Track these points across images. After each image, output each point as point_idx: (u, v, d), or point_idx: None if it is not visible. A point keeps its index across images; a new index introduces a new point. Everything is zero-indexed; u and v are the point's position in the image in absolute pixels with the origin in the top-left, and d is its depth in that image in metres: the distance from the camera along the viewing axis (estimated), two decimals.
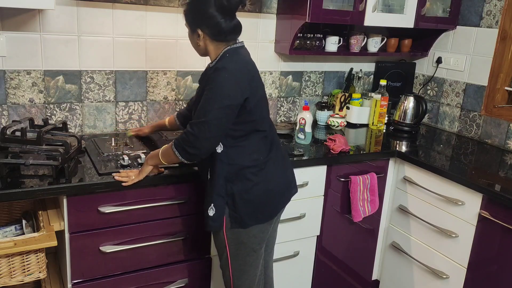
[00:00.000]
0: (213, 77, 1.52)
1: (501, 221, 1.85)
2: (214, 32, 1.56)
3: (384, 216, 2.45)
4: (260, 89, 1.63)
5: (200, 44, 1.61)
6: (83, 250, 1.72)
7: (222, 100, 1.49)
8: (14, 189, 1.55)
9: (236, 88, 1.51)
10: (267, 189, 1.63)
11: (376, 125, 2.70)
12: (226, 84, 1.50)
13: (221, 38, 1.58)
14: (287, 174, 1.76)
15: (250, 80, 1.55)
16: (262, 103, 1.63)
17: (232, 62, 1.55)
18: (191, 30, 1.63)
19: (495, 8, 2.47)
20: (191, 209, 1.89)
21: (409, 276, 2.33)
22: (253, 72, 1.58)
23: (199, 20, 1.57)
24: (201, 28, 1.57)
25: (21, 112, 2.06)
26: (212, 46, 1.60)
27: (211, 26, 1.55)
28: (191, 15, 1.60)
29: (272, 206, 1.68)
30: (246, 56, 1.63)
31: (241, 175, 1.59)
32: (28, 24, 1.98)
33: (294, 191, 1.80)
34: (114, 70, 2.21)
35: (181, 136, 1.56)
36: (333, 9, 2.35)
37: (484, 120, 2.56)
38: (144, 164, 1.70)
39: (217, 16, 1.53)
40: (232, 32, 1.58)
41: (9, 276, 1.59)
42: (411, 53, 2.89)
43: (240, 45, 1.62)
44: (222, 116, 1.50)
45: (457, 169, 2.14)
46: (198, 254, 1.98)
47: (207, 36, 1.58)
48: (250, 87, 1.54)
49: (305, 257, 2.28)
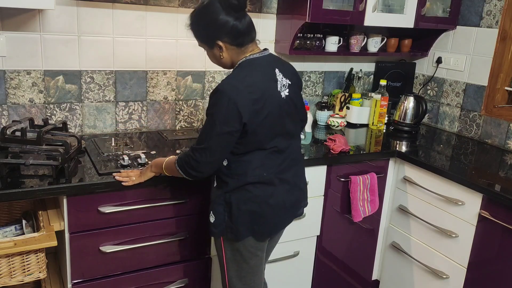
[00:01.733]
0: (212, 99, 1.48)
1: (501, 221, 1.85)
2: (233, 36, 1.51)
3: (384, 216, 2.45)
4: (267, 108, 1.50)
5: (223, 56, 1.56)
6: (83, 250, 1.72)
7: (222, 127, 1.46)
8: (14, 189, 1.55)
9: (234, 115, 1.45)
10: (267, 203, 1.58)
11: (376, 125, 2.70)
12: (224, 110, 1.45)
13: (241, 41, 1.53)
14: (295, 194, 1.67)
15: (252, 103, 1.47)
16: (267, 123, 1.51)
17: (233, 82, 1.49)
18: (209, 46, 1.57)
19: (495, 8, 2.47)
20: (191, 209, 1.90)
21: (409, 276, 2.33)
22: (258, 94, 1.48)
23: (214, 31, 1.52)
24: (219, 38, 1.52)
25: (21, 112, 2.06)
26: (234, 54, 1.56)
27: (228, 32, 1.50)
28: (204, 31, 1.56)
29: (270, 222, 1.62)
30: (259, 70, 1.54)
31: (242, 187, 1.56)
32: (28, 24, 1.98)
33: (299, 212, 1.74)
34: (114, 70, 2.21)
35: (184, 158, 1.56)
36: (333, 9, 2.35)
37: (484, 120, 2.56)
38: (147, 169, 1.71)
39: (229, 20, 1.49)
40: (248, 31, 1.53)
41: (9, 276, 1.59)
42: (411, 53, 2.89)
43: (258, 56, 1.56)
44: (222, 142, 1.49)
45: (457, 169, 2.14)
46: (198, 254, 1.98)
47: (227, 44, 1.53)
48: (249, 111, 1.46)
49: (305, 257, 2.28)
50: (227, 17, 1.49)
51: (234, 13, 1.50)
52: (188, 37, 2.32)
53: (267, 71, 1.56)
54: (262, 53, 1.58)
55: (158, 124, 2.38)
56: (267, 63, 1.58)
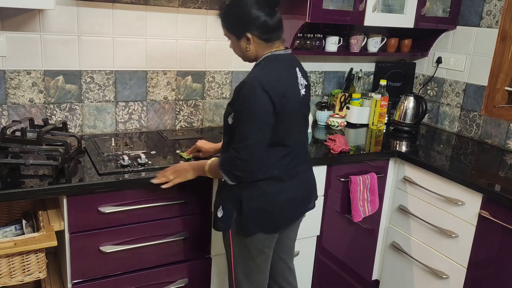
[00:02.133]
0: (243, 93, 1.49)
1: (501, 221, 1.85)
2: (263, 31, 1.54)
3: (384, 216, 2.45)
4: (290, 105, 1.55)
5: (250, 48, 1.58)
6: (83, 250, 1.72)
7: (262, 119, 1.48)
8: (14, 189, 1.55)
9: (269, 106, 1.48)
10: (276, 200, 1.61)
11: (376, 125, 2.70)
12: (259, 102, 1.47)
13: (270, 37, 1.56)
14: (306, 188, 1.72)
15: (278, 95, 1.50)
16: (289, 119, 1.56)
17: (259, 77, 1.51)
18: (237, 37, 1.59)
19: (495, 8, 2.47)
20: (191, 209, 1.89)
21: (409, 276, 2.33)
22: (283, 88, 1.52)
23: (245, 24, 1.54)
24: (249, 31, 1.55)
25: (21, 112, 2.06)
26: (260, 48, 1.58)
27: (259, 26, 1.53)
28: (235, 22, 1.57)
29: (279, 218, 1.65)
30: (283, 66, 1.58)
31: (253, 183, 1.58)
32: (28, 24, 1.98)
33: (310, 205, 1.78)
34: (114, 70, 2.21)
35: (227, 161, 1.53)
36: (333, 9, 2.35)
37: (484, 120, 2.56)
38: (187, 171, 1.70)
39: (261, 15, 1.52)
40: (278, 27, 1.57)
41: (9, 276, 1.59)
42: (411, 53, 2.89)
43: (282, 52, 1.60)
44: (262, 135, 1.50)
45: (457, 169, 2.14)
46: (198, 254, 1.98)
47: (256, 37, 1.55)
48: (279, 104, 1.50)
49: (305, 257, 2.28)
50: (259, 11, 1.52)
51: (267, 8, 1.53)
52: (188, 37, 2.35)
53: (290, 68, 1.61)
54: (286, 51, 1.62)
55: (158, 124, 2.38)
56: (289, 61, 1.63)
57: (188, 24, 2.31)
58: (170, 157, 1.96)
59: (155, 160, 1.89)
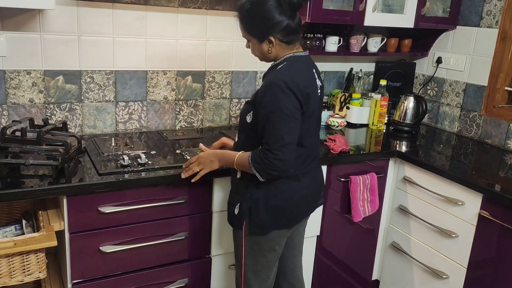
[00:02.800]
0: (274, 94, 1.50)
1: (501, 221, 1.85)
2: (286, 34, 1.55)
3: (384, 216, 2.45)
4: (311, 107, 1.58)
5: (271, 51, 1.59)
6: (83, 250, 1.72)
7: (293, 118, 1.50)
8: (14, 189, 1.55)
9: (297, 105, 1.51)
10: (291, 198, 1.63)
11: (376, 125, 2.70)
12: (288, 102, 1.49)
13: (291, 39, 1.58)
14: (316, 185, 1.75)
15: (305, 97, 1.53)
16: (309, 120, 1.59)
17: (289, 75, 1.52)
18: (258, 40, 1.59)
19: (495, 8, 2.47)
20: (191, 209, 1.89)
21: (409, 276, 2.33)
22: (308, 89, 1.54)
23: (269, 28, 1.55)
24: (272, 34, 1.55)
25: (21, 112, 2.06)
26: (281, 49, 1.59)
27: (281, 30, 1.54)
28: (258, 26, 1.57)
29: (293, 215, 1.68)
30: (305, 67, 1.60)
31: (270, 183, 1.59)
32: (28, 24, 1.98)
33: (320, 201, 1.81)
34: (114, 70, 2.21)
35: (262, 161, 1.52)
36: (333, 9, 2.35)
37: (484, 120, 2.56)
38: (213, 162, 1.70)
39: (284, 18, 1.53)
40: (298, 30, 1.58)
41: (9, 276, 1.59)
42: (411, 53, 2.89)
43: (303, 54, 1.62)
44: (295, 134, 1.52)
45: (457, 169, 2.14)
46: (198, 254, 1.98)
47: (278, 40, 1.57)
48: (305, 104, 1.53)
49: (305, 257, 2.27)
50: (281, 15, 1.52)
51: (289, 11, 1.53)
52: (188, 37, 2.35)
53: (310, 70, 1.63)
54: (305, 53, 1.65)
55: (158, 124, 2.38)
56: (309, 62, 1.65)
57: (188, 24, 2.31)
58: (170, 157, 1.96)
59: (155, 160, 1.89)
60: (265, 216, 1.60)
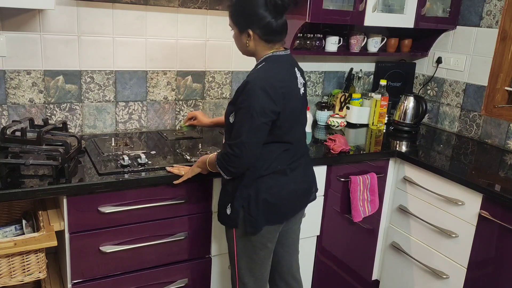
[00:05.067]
0: (244, 92, 1.53)
1: (501, 221, 1.85)
2: (265, 32, 1.58)
3: (384, 216, 2.45)
4: (292, 103, 1.60)
5: (249, 44, 1.62)
6: (83, 250, 1.72)
7: (259, 118, 1.51)
8: (14, 189, 1.55)
9: (269, 105, 1.52)
10: (279, 193, 1.64)
11: (376, 125, 2.70)
12: (259, 102, 1.50)
13: (270, 38, 1.60)
14: (307, 181, 1.77)
15: (280, 97, 1.54)
16: (290, 117, 1.61)
17: (262, 79, 1.54)
18: (239, 31, 1.63)
19: (495, 8, 2.47)
20: (191, 209, 1.89)
21: (409, 276, 2.33)
22: (284, 88, 1.56)
23: (249, 20, 1.58)
24: (251, 28, 1.58)
25: (21, 112, 2.06)
26: (260, 46, 1.62)
27: (262, 26, 1.57)
28: (241, 16, 1.61)
29: (283, 210, 1.69)
30: (284, 67, 1.63)
31: (258, 179, 1.61)
32: (28, 24, 1.98)
33: (312, 197, 1.82)
34: (114, 70, 2.21)
35: (223, 156, 1.58)
36: (333, 9, 2.35)
37: (484, 120, 2.56)
38: (194, 165, 1.77)
39: (267, 16, 1.55)
40: (280, 32, 1.61)
41: (9, 276, 1.59)
42: (411, 53, 2.89)
43: (283, 53, 1.64)
44: (258, 134, 1.53)
45: (457, 169, 2.15)
46: (198, 254, 1.98)
47: (257, 36, 1.59)
48: (281, 103, 1.55)
49: (305, 257, 2.28)
50: (266, 13, 1.55)
51: (273, 11, 1.55)
52: (188, 37, 2.35)
53: (290, 68, 1.66)
54: (286, 52, 1.66)
55: (158, 124, 2.38)
56: (290, 62, 1.67)
57: (188, 24, 2.31)
58: (170, 157, 1.96)
59: (155, 160, 1.89)
60: (256, 212, 1.61)
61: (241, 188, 1.62)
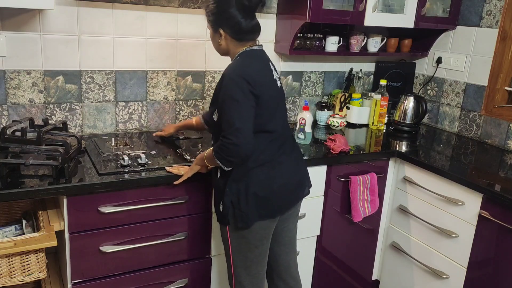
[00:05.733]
0: (224, 85, 1.57)
1: (501, 221, 1.85)
2: (234, 31, 1.62)
3: (384, 216, 2.45)
4: (270, 91, 1.64)
5: (221, 43, 1.67)
6: (83, 250, 1.72)
7: (245, 102, 1.54)
8: (14, 189, 1.55)
9: (249, 90, 1.55)
10: (270, 186, 1.64)
11: (376, 125, 2.70)
12: (238, 87, 1.54)
13: (241, 37, 1.64)
14: (298, 175, 1.77)
15: (257, 83, 1.57)
16: (270, 105, 1.63)
17: (236, 69, 1.58)
18: (213, 30, 1.68)
19: (495, 8, 2.47)
20: (191, 209, 1.90)
21: (409, 276, 2.33)
22: (260, 77, 1.60)
23: (221, 20, 1.63)
24: (222, 27, 1.63)
25: (21, 112, 2.06)
26: (232, 45, 1.66)
27: (231, 26, 1.61)
28: (213, 15, 1.65)
29: (275, 204, 1.68)
30: (258, 60, 1.66)
31: (246, 174, 1.62)
32: (28, 24, 1.98)
33: (305, 191, 1.82)
34: (114, 70, 2.21)
35: (220, 148, 1.57)
36: (333, 9, 2.35)
37: (484, 120, 2.56)
38: (193, 164, 1.77)
39: (237, 15, 1.59)
40: (251, 31, 1.64)
41: (9, 276, 1.59)
42: (411, 53, 2.89)
43: (256, 48, 1.67)
44: (249, 117, 1.55)
45: (457, 169, 2.15)
46: (198, 254, 1.98)
47: (228, 35, 1.63)
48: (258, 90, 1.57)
49: (305, 257, 2.28)
50: (236, 12, 1.59)
51: (243, 12, 1.59)
52: (188, 37, 2.35)
53: (264, 61, 1.70)
54: (258, 47, 1.70)
55: (158, 124, 2.38)
56: (263, 56, 1.71)
57: (188, 24, 2.31)
58: (170, 157, 1.96)
59: (155, 160, 1.89)
60: (246, 207, 1.61)
61: (231, 182, 1.62)
